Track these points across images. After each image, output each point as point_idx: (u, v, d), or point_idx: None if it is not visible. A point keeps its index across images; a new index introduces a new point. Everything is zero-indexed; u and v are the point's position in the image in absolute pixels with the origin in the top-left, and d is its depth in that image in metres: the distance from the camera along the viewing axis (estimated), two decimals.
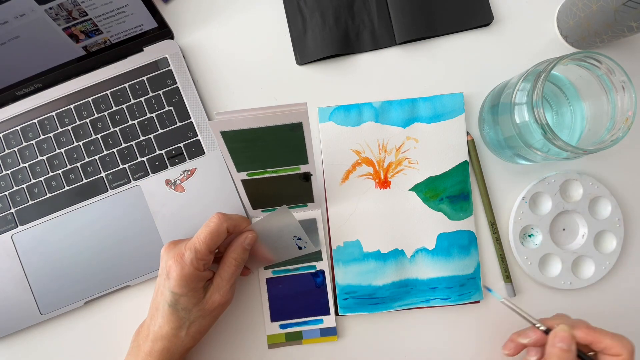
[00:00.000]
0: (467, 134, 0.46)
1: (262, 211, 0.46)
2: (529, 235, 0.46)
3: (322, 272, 0.46)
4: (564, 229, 0.47)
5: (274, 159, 0.38)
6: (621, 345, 0.36)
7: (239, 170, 0.39)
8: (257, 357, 0.46)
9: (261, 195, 0.43)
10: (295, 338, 0.46)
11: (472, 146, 0.46)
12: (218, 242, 0.39)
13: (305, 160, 0.38)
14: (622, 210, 0.46)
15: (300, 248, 0.44)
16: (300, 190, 0.43)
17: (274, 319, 0.46)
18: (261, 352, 0.46)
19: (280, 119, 0.32)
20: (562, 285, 0.45)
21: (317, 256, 0.46)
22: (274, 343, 0.46)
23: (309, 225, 0.46)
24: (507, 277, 0.46)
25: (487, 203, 0.46)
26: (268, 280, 0.46)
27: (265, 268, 0.46)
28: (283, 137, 0.35)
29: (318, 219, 0.46)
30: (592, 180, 0.46)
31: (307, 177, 0.40)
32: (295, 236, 0.42)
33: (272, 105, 0.32)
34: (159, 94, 0.47)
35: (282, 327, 0.46)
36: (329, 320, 0.46)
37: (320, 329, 0.46)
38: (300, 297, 0.46)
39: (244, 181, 0.40)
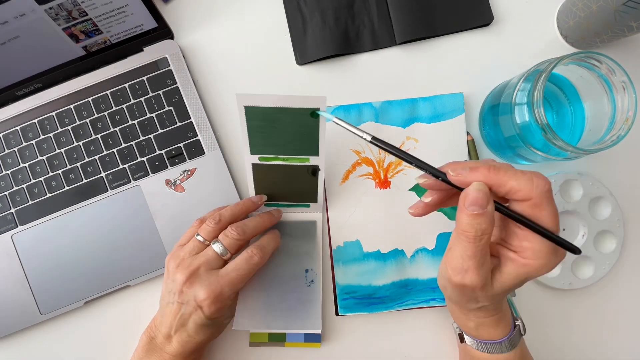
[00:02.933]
0: (467, 134, 0.46)
1: (265, 205, 0.45)
2: None
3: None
4: (564, 229, 0.47)
5: (287, 144, 0.39)
6: (529, 186, 0.28)
7: (252, 152, 0.40)
8: (235, 352, 0.46)
9: (268, 185, 0.43)
10: (278, 339, 0.45)
11: (472, 146, 0.46)
12: None
13: (316, 152, 0.39)
14: (622, 210, 0.46)
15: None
16: (306, 186, 0.43)
17: None
18: (242, 348, 0.46)
19: (301, 102, 0.35)
20: (562, 285, 0.45)
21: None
22: (256, 342, 0.45)
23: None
24: None
25: None
26: None
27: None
28: (300, 122, 0.36)
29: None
30: (592, 180, 0.46)
31: (314, 171, 0.41)
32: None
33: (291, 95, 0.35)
34: (159, 94, 0.47)
35: None
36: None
37: (305, 334, 0.45)
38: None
39: (254, 165, 0.41)
